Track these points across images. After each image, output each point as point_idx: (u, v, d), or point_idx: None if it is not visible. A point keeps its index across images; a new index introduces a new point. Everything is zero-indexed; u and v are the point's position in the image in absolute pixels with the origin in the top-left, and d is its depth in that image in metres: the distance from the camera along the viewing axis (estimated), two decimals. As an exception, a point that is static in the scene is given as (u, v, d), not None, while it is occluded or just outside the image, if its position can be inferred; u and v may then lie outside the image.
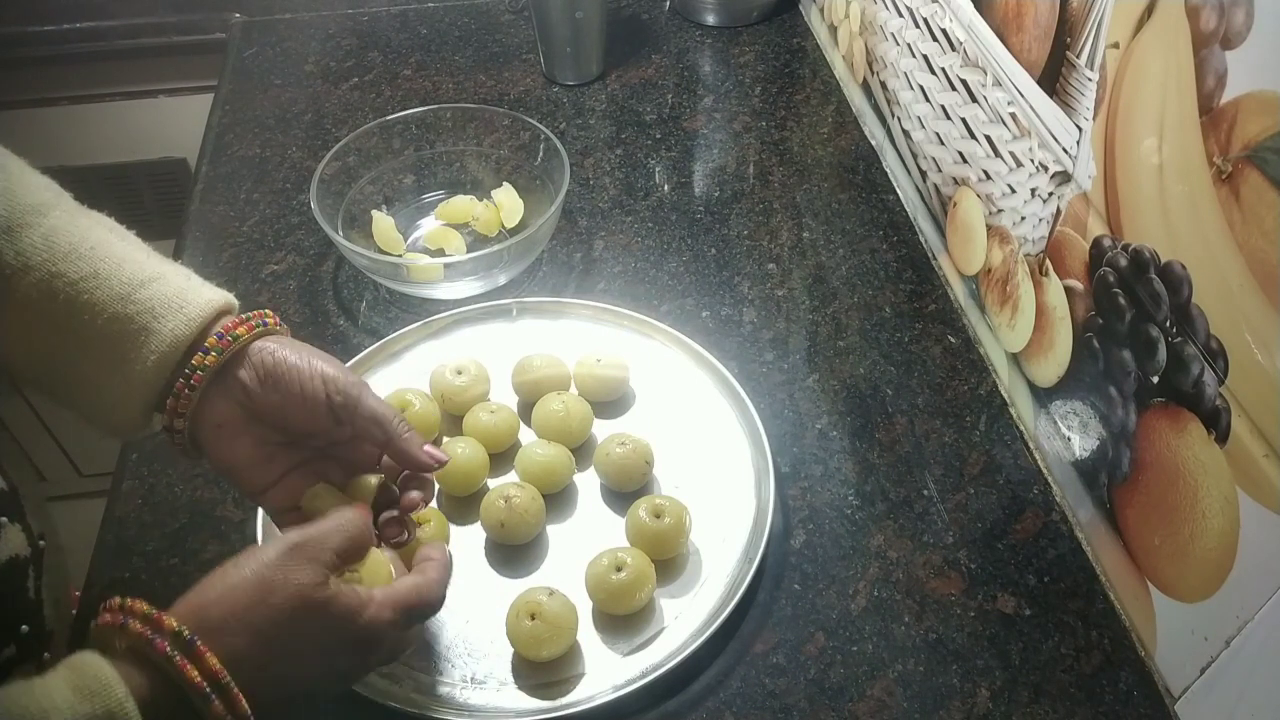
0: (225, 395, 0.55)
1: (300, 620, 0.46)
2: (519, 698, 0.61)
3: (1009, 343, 0.78)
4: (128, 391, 0.54)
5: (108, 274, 0.53)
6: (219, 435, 0.55)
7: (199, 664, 0.43)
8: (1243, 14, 0.48)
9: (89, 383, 0.54)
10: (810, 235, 0.92)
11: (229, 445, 0.56)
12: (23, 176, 0.56)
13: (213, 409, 0.55)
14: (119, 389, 0.54)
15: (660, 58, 1.13)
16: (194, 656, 0.43)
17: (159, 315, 0.53)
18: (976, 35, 0.75)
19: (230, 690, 0.43)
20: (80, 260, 0.53)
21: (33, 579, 0.52)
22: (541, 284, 0.88)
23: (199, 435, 0.56)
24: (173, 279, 0.55)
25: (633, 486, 0.70)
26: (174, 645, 0.43)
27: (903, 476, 0.74)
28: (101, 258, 0.54)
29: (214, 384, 0.54)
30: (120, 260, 0.54)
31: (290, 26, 1.16)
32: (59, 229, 0.54)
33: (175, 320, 0.53)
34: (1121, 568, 0.66)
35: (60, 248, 0.53)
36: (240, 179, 0.97)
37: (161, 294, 0.54)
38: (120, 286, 0.53)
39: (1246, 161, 0.49)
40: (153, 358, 0.53)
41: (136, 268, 0.54)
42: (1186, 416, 0.57)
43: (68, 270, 0.53)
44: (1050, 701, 0.62)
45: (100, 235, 0.55)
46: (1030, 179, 0.71)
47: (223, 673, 0.43)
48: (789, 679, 0.63)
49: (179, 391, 0.53)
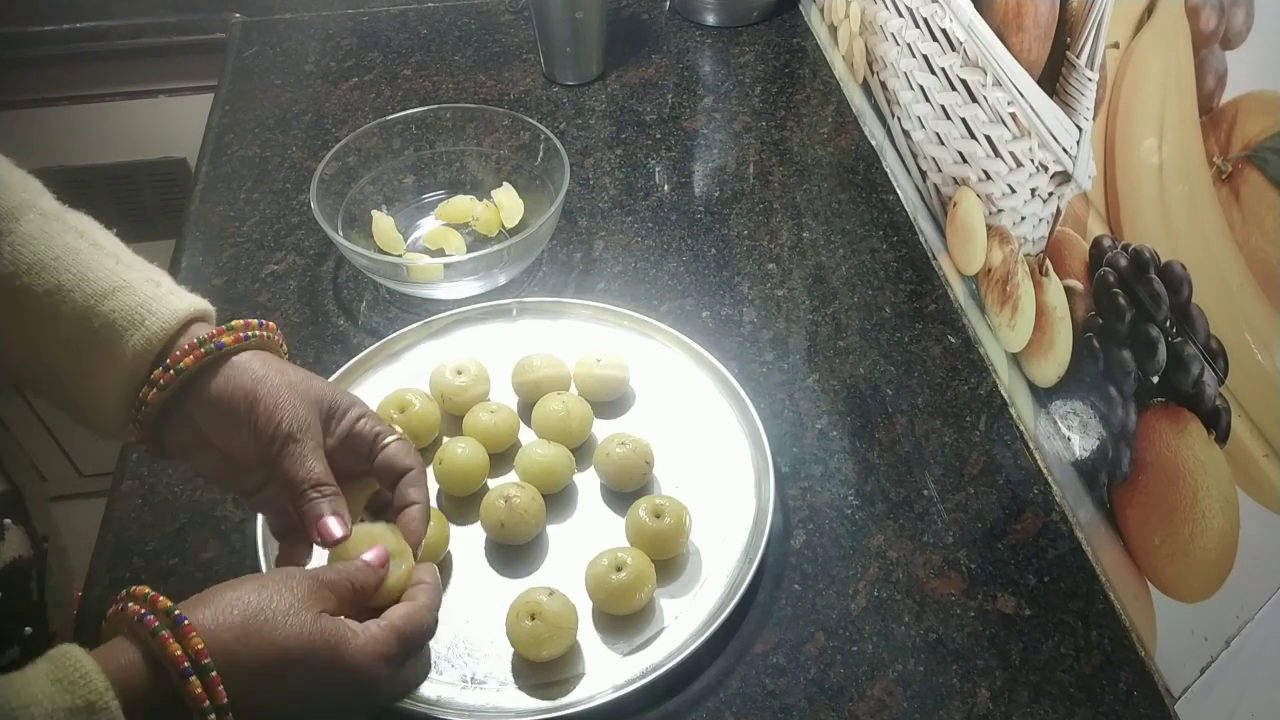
0: (178, 423, 0.54)
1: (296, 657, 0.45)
2: (519, 698, 0.61)
3: (1009, 343, 0.78)
4: (103, 400, 0.53)
5: (70, 287, 0.52)
6: (184, 453, 0.55)
7: (183, 643, 0.42)
8: (1243, 14, 0.48)
9: (66, 390, 0.54)
10: (810, 235, 0.92)
11: (199, 458, 0.55)
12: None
13: (171, 424, 0.54)
14: (93, 399, 0.53)
15: (660, 58, 1.13)
16: (180, 635, 0.42)
17: (121, 329, 0.52)
18: (976, 35, 0.75)
19: (210, 674, 0.42)
20: (45, 272, 0.52)
21: (36, 581, 0.52)
22: (541, 284, 0.88)
23: (168, 447, 0.55)
24: (139, 288, 0.53)
25: (633, 486, 0.70)
26: (163, 622, 0.42)
27: (903, 476, 0.74)
28: (66, 268, 0.52)
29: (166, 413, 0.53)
30: (85, 270, 0.53)
31: (290, 26, 1.16)
32: (27, 238, 0.53)
33: (137, 336, 0.52)
34: (1121, 568, 0.66)
35: (25, 259, 0.52)
36: (240, 179, 0.97)
37: (125, 306, 0.53)
38: (83, 299, 0.52)
39: (1246, 161, 0.49)
40: (119, 373, 0.52)
41: (102, 278, 0.53)
42: (1186, 416, 0.57)
43: (32, 284, 0.52)
44: (1050, 701, 0.62)
45: (68, 243, 0.54)
46: (1030, 179, 0.71)
47: (205, 654, 0.42)
48: (789, 679, 0.63)
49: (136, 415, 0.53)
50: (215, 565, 0.68)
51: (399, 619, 0.49)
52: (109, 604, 0.46)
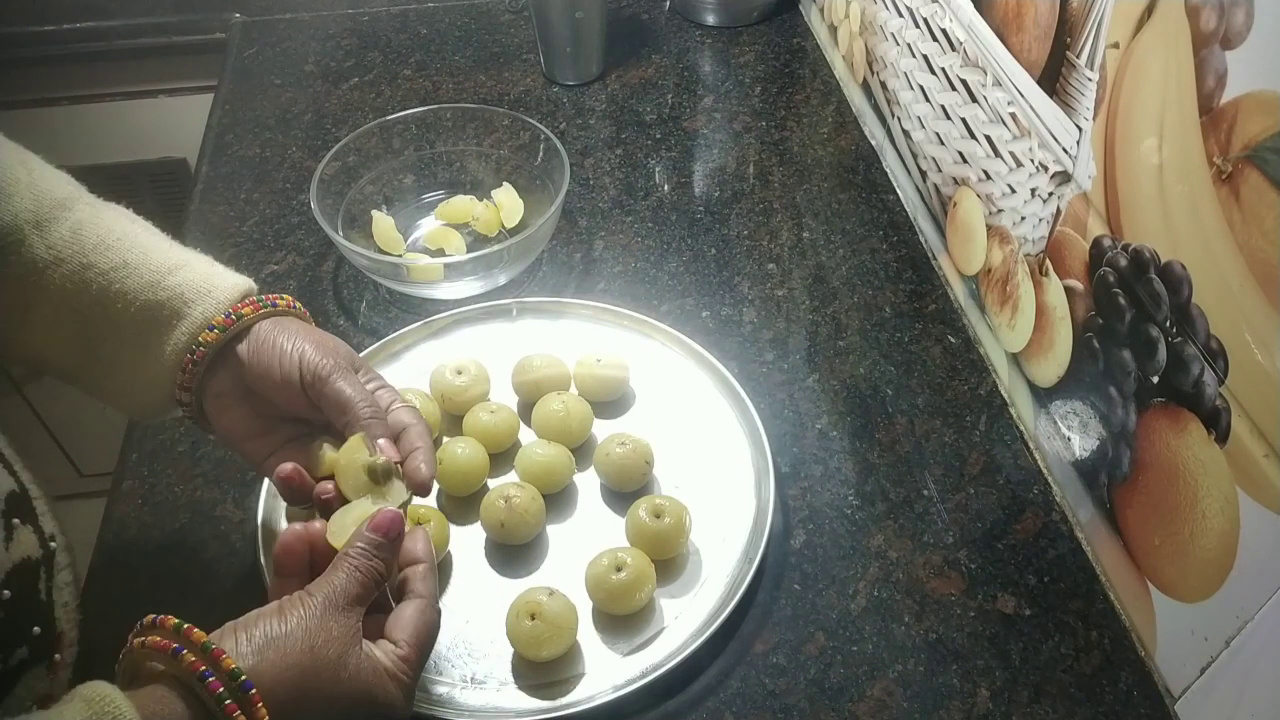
0: (224, 367, 0.57)
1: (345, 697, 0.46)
2: (519, 698, 0.61)
3: (1009, 343, 0.78)
4: (159, 373, 0.56)
5: (137, 263, 0.56)
6: (219, 405, 0.58)
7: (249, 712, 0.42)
8: (1243, 14, 0.48)
9: (122, 366, 0.57)
10: (810, 235, 0.92)
11: (229, 415, 0.58)
12: (44, 171, 0.58)
13: (214, 379, 0.57)
14: (150, 371, 0.57)
15: (660, 58, 1.13)
16: (246, 704, 0.42)
17: (189, 300, 0.56)
18: (976, 35, 0.75)
19: None
20: (110, 251, 0.56)
21: (44, 580, 0.52)
22: (541, 284, 0.88)
23: (204, 405, 0.58)
24: (198, 265, 0.58)
25: (633, 486, 0.70)
26: (228, 689, 0.42)
27: (903, 476, 0.74)
28: (129, 247, 0.57)
29: (218, 358, 0.57)
30: (147, 249, 0.57)
31: (290, 26, 1.16)
32: (86, 221, 0.57)
33: (205, 304, 0.56)
34: (1121, 568, 0.66)
35: (89, 240, 0.56)
36: (240, 179, 0.97)
37: (189, 280, 0.57)
38: (150, 274, 0.56)
39: (1246, 161, 0.49)
40: (184, 339, 0.56)
41: (163, 256, 0.57)
42: (1186, 416, 0.57)
43: (99, 261, 0.56)
44: (1050, 701, 0.62)
45: (125, 226, 0.58)
46: (1030, 179, 0.71)
47: None
48: (789, 679, 0.63)
49: (185, 366, 0.56)
50: (215, 565, 0.68)
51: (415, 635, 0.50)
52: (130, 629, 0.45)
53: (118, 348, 0.56)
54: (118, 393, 0.58)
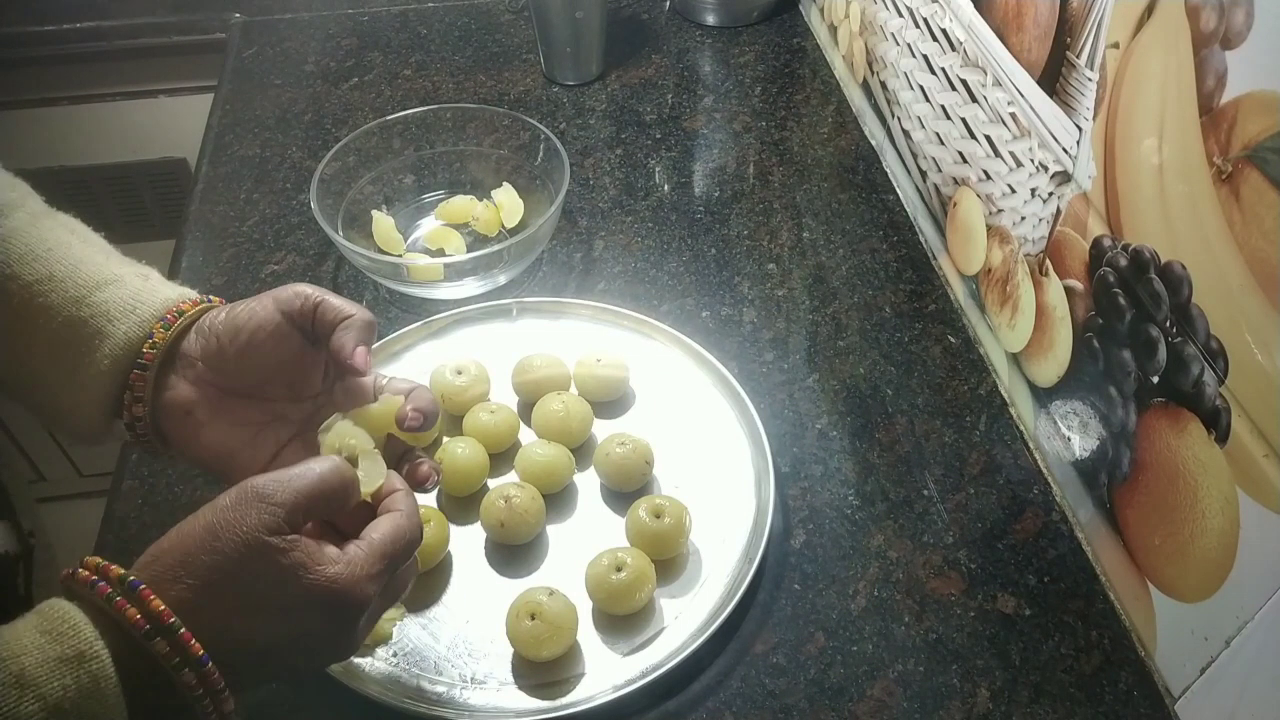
0: (183, 374, 0.54)
1: (248, 567, 0.43)
2: (519, 698, 0.61)
3: (1009, 343, 0.78)
4: (83, 395, 0.53)
5: (63, 276, 0.53)
6: (191, 424, 0.54)
7: (141, 606, 0.41)
8: (1243, 14, 0.48)
9: (44, 386, 0.54)
10: (810, 235, 0.92)
11: (206, 433, 0.54)
12: None
13: (175, 395, 0.54)
14: (75, 393, 0.53)
15: (660, 58, 1.13)
16: (136, 599, 0.41)
17: (112, 318, 0.53)
18: (976, 35, 0.75)
19: (176, 632, 0.41)
20: (36, 263, 0.53)
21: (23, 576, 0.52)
22: (541, 284, 0.88)
23: (170, 431, 0.54)
24: (130, 282, 0.54)
25: (633, 486, 0.70)
26: (116, 589, 0.41)
27: (903, 476, 0.74)
28: (58, 260, 0.53)
29: (168, 366, 0.54)
30: (77, 263, 0.54)
31: (290, 26, 1.16)
32: (18, 230, 0.53)
33: (128, 323, 0.53)
34: (1121, 568, 0.66)
35: (16, 250, 0.53)
36: (240, 179, 0.97)
37: (117, 297, 0.53)
38: (75, 289, 0.53)
39: (1246, 161, 0.49)
40: (106, 361, 0.52)
41: (94, 270, 0.54)
42: (1186, 416, 0.57)
43: (23, 273, 0.52)
44: (1050, 701, 0.62)
45: (60, 237, 0.54)
46: (1030, 179, 0.71)
47: (168, 614, 0.41)
48: (789, 679, 0.63)
49: (134, 382, 0.53)
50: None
51: (382, 537, 0.47)
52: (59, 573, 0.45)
53: (40, 365, 0.53)
54: (47, 412, 0.55)
